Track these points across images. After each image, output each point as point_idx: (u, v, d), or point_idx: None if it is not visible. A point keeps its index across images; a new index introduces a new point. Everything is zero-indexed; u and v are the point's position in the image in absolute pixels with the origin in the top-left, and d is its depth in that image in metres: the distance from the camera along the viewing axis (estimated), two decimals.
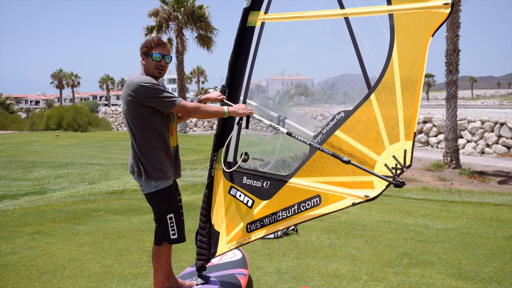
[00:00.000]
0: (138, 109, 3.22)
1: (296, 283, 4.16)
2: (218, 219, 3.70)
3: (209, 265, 3.93)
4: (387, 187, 2.83)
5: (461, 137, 17.91)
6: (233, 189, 3.60)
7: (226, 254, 4.15)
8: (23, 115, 59.52)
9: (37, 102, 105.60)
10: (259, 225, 3.42)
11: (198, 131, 37.10)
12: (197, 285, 3.72)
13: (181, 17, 29.94)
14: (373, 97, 2.90)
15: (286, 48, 3.64)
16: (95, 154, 18.39)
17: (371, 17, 2.95)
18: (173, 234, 3.39)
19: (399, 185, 2.74)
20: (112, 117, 45.17)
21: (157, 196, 3.35)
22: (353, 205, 2.92)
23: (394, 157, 2.80)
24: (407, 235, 5.85)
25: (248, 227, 3.49)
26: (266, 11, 3.45)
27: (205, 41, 30.89)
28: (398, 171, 2.79)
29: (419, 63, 2.73)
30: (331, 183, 3.05)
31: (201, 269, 3.75)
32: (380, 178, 2.81)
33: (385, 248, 5.27)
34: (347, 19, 3.01)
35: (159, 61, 3.31)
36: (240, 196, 3.55)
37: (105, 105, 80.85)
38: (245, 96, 3.58)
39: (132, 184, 10.01)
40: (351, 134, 2.99)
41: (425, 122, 19.35)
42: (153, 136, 3.27)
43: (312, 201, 3.12)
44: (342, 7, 3.04)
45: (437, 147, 18.60)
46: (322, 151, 3.02)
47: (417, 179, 11.35)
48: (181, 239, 3.44)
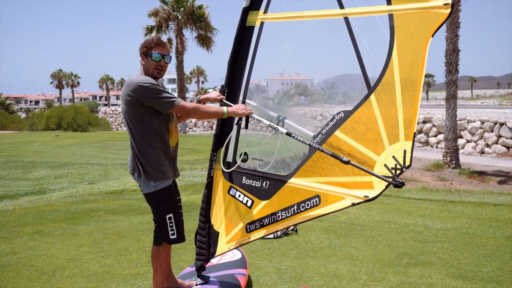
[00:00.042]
0: (137, 109, 3.22)
1: (295, 283, 4.16)
2: (217, 219, 3.69)
3: (208, 265, 3.92)
4: (386, 187, 2.82)
5: (461, 137, 17.91)
6: (232, 189, 3.59)
7: (225, 254, 4.15)
8: (23, 115, 59.52)
9: (37, 102, 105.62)
10: (258, 225, 3.41)
11: (198, 131, 37.09)
12: (197, 285, 3.72)
13: (180, 17, 29.94)
14: (372, 97, 2.89)
15: (285, 48, 3.63)
16: (95, 154, 18.39)
17: (370, 17, 2.94)
18: (172, 234, 3.38)
19: (399, 185, 2.73)
20: (111, 117, 45.16)
21: (156, 196, 3.35)
22: (353, 205, 2.92)
23: (393, 157, 2.80)
24: (407, 235, 5.85)
25: (247, 227, 3.48)
26: (265, 11, 3.44)
27: (205, 41, 30.90)
28: (397, 172, 2.78)
29: (419, 63, 2.73)
30: (330, 183, 3.05)
31: (200, 269, 3.74)
32: (379, 178, 2.80)
33: (385, 248, 5.27)
34: (346, 19, 3.00)
35: (159, 61, 3.31)
36: (239, 196, 3.54)
37: (105, 105, 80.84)
38: (245, 96, 3.57)
39: (131, 184, 10.00)
40: (350, 134, 2.98)
41: (424, 122, 19.35)
42: (153, 136, 3.27)
43: (311, 202, 3.11)
44: (341, 7, 3.03)
45: (437, 147, 18.60)
46: (321, 151, 3.01)
47: (416, 179, 11.35)
48: (180, 239, 3.44)
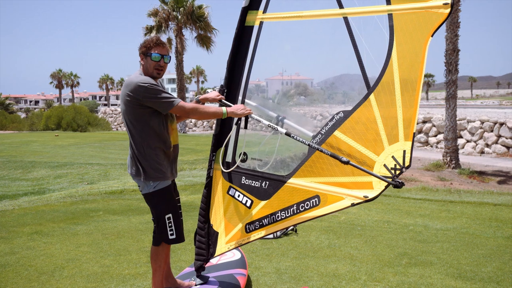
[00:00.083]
0: (136, 109, 3.21)
1: (295, 283, 4.16)
2: (216, 219, 3.69)
3: (208, 265, 3.92)
4: (386, 187, 2.82)
5: (461, 137, 17.90)
6: (231, 189, 3.59)
7: (225, 254, 4.14)
8: (23, 115, 59.51)
9: (37, 102, 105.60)
10: (258, 226, 3.41)
11: (197, 131, 37.08)
12: (196, 285, 3.71)
13: (180, 17, 29.94)
14: (372, 97, 2.89)
15: (284, 47, 3.63)
16: (95, 154, 18.38)
17: (370, 17, 2.94)
18: (171, 234, 3.38)
19: (398, 185, 2.73)
20: (111, 117, 45.15)
21: (156, 196, 3.34)
22: (352, 205, 2.91)
23: (393, 157, 2.80)
24: (407, 235, 5.85)
25: (247, 227, 3.48)
26: (264, 11, 3.44)
27: (205, 41, 30.90)
28: (397, 172, 2.78)
29: (418, 63, 2.72)
30: (330, 184, 3.04)
31: (200, 269, 3.74)
32: (379, 178, 2.80)
33: (385, 248, 5.26)
34: (346, 19, 3.00)
35: (158, 61, 3.30)
36: (239, 196, 3.53)
37: (105, 105, 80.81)
38: (244, 96, 3.56)
39: (131, 184, 9.99)
40: (350, 134, 2.98)
41: (424, 122, 19.35)
42: (152, 136, 3.26)
43: (311, 202, 3.11)
44: (341, 6, 3.03)
45: (437, 147, 18.59)
46: (321, 151, 3.01)
47: (416, 179, 11.35)
48: (179, 239, 3.43)
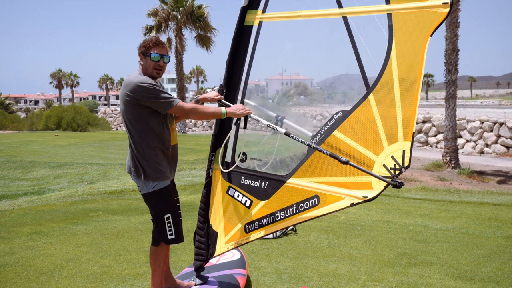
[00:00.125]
0: (135, 109, 3.21)
1: (295, 283, 4.15)
2: (216, 219, 3.68)
3: (207, 265, 3.91)
4: (385, 187, 2.81)
5: (460, 137, 17.90)
6: (231, 189, 3.58)
7: (224, 254, 4.14)
8: (22, 115, 59.49)
9: (36, 102, 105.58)
10: (257, 226, 3.40)
11: (197, 131, 37.08)
12: (196, 285, 3.71)
13: (180, 16, 29.94)
14: (371, 97, 2.89)
15: (284, 47, 3.63)
16: (94, 154, 18.39)
17: (369, 16, 2.94)
18: (171, 234, 3.37)
19: (398, 185, 2.73)
20: (111, 117, 45.16)
21: (155, 196, 3.34)
22: (352, 205, 2.91)
23: (392, 157, 2.79)
24: (406, 235, 5.84)
25: (246, 227, 3.47)
26: (263, 10, 3.44)
27: (204, 41, 30.91)
28: (396, 172, 2.77)
29: (417, 62, 2.72)
30: (329, 184, 3.04)
31: (199, 270, 3.74)
32: (378, 178, 2.80)
33: (384, 248, 5.26)
34: (345, 19, 3.00)
35: (158, 61, 3.30)
36: (238, 196, 3.53)
37: (105, 105, 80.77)
38: (243, 95, 3.56)
39: (131, 184, 9.99)
40: (349, 134, 2.98)
41: (424, 121, 19.34)
42: (151, 136, 3.26)
43: (310, 202, 3.11)
44: (340, 6, 3.03)
45: (436, 147, 18.59)
46: (320, 151, 3.00)
47: (416, 179, 11.35)
48: (178, 239, 3.43)
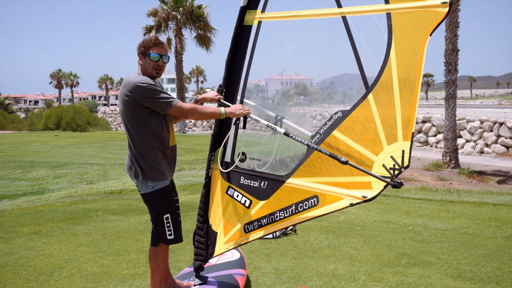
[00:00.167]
0: (134, 109, 3.21)
1: (294, 283, 4.15)
2: (215, 219, 3.68)
3: (207, 265, 3.91)
4: (385, 187, 2.81)
5: (460, 136, 17.90)
6: (230, 189, 3.58)
7: (224, 254, 4.14)
8: (22, 115, 59.48)
9: (36, 102, 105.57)
10: (256, 226, 3.40)
11: (197, 131, 37.08)
12: (195, 285, 3.70)
13: (180, 16, 29.94)
14: (370, 97, 2.88)
15: (283, 47, 3.62)
16: (94, 154, 18.38)
17: (368, 16, 2.93)
18: (170, 234, 3.37)
19: (397, 185, 2.72)
20: (111, 117, 45.16)
21: (154, 196, 3.33)
22: (351, 205, 2.91)
23: (392, 157, 2.79)
24: (406, 235, 5.84)
25: (245, 227, 3.47)
26: (263, 10, 3.43)
27: (204, 41, 30.92)
28: (396, 172, 2.77)
29: (417, 62, 2.72)
30: (328, 184, 3.03)
31: (199, 270, 3.73)
32: (377, 178, 2.79)
33: (384, 248, 5.26)
34: (344, 18, 2.99)
35: (157, 61, 3.30)
36: (237, 196, 3.53)
37: (104, 105, 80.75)
38: (242, 95, 3.56)
39: (130, 184, 9.99)
40: (348, 134, 2.97)
41: (424, 121, 19.34)
42: (150, 136, 3.25)
43: (309, 202, 3.10)
44: (339, 6, 3.02)
45: (436, 147, 18.59)
46: (319, 151, 3.00)
47: (416, 178, 11.34)
48: (177, 239, 3.42)
